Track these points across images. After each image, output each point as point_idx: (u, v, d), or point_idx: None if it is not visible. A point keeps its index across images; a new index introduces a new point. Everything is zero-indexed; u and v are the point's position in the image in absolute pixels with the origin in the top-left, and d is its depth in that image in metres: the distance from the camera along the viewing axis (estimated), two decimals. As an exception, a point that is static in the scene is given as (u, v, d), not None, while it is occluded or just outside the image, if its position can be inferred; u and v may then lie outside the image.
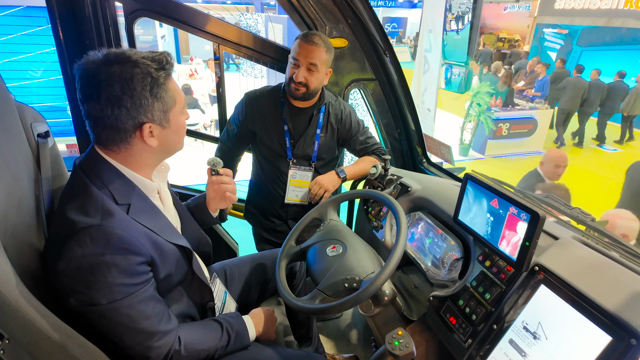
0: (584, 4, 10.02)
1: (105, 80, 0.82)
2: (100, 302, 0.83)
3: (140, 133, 0.89)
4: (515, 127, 7.02)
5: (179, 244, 1.01)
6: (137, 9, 1.76)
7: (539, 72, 8.68)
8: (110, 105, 0.83)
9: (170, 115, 0.93)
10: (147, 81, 0.85)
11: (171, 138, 0.95)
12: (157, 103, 0.88)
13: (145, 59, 0.86)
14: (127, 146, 0.90)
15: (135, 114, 0.86)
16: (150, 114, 0.88)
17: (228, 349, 1.09)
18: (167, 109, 0.91)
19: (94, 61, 0.83)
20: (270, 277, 1.46)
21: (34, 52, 3.71)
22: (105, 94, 0.82)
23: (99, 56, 0.84)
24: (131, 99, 0.84)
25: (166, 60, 0.89)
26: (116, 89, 0.82)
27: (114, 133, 0.87)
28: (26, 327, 0.76)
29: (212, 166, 1.23)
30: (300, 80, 1.59)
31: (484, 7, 7.52)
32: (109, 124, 0.85)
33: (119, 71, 0.83)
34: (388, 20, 18.19)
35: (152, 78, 0.86)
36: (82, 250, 0.81)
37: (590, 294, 0.82)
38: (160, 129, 0.91)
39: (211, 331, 1.06)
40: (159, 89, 0.87)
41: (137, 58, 0.85)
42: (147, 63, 0.86)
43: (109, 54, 0.84)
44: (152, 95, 0.87)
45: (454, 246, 1.26)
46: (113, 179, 0.90)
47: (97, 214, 0.84)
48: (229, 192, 1.25)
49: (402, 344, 1.06)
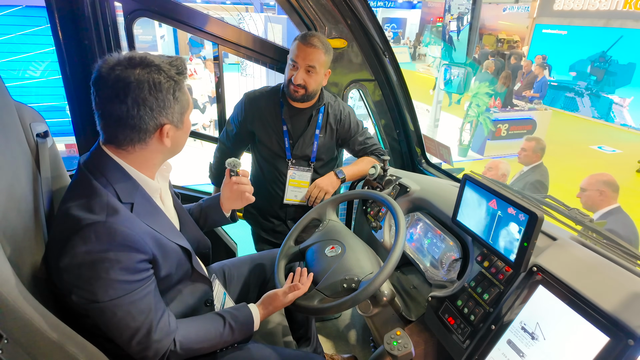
0: (583, 5, 10.05)
1: (134, 82, 0.85)
2: (101, 298, 0.84)
3: (160, 133, 0.92)
4: (514, 128, 7.03)
5: (181, 244, 1.02)
6: (137, 9, 1.76)
7: (537, 73, 8.70)
8: (137, 105, 0.86)
9: (185, 117, 0.98)
10: (170, 84, 0.90)
11: (182, 139, 1.00)
12: (177, 105, 0.93)
13: (166, 63, 0.91)
14: (143, 146, 0.92)
15: (158, 115, 0.90)
16: (170, 116, 0.92)
17: (230, 339, 1.07)
18: (184, 111, 0.96)
19: (119, 63, 0.86)
20: (269, 278, 1.46)
21: (33, 51, 3.70)
22: (134, 95, 0.85)
23: (122, 59, 0.87)
24: (157, 100, 0.88)
25: (183, 65, 0.95)
26: (145, 91, 0.86)
27: (135, 133, 0.90)
28: (25, 327, 0.76)
29: (231, 167, 1.25)
30: (298, 83, 1.59)
31: (483, 7, 7.54)
32: (131, 124, 0.88)
33: (147, 74, 0.86)
34: (387, 21, 18.20)
35: (174, 82, 0.91)
36: (87, 247, 0.82)
37: (588, 295, 0.83)
38: (175, 130, 0.95)
39: (212, 327, 1.04)
40: (179, 92, 0.93)
41: (160, 63, 0.89)
42: (169, 67, 0.90)
43: (134, 58, 0.87)
44: (174, 97, 0.91)
45: (453, 247, 1.26)
46: (118, 178, 0.91)
47: (102, 211, 0.85)
48: (247, 193, 1.27)
49: (401, 344, 1.07)
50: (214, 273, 1.35)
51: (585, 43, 9.95)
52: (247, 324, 1.09)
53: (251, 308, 1.12)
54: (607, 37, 9.45)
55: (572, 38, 10.39)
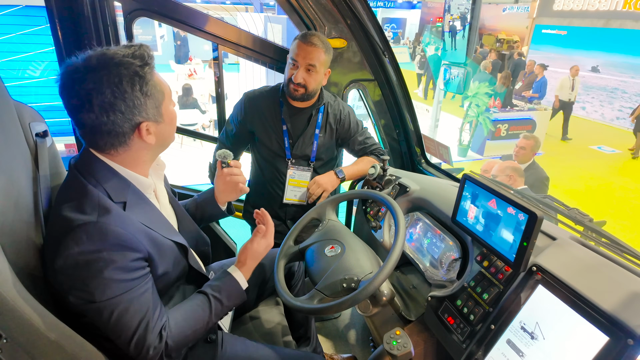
0: (583, 5, 10.05)
1: (94, 88, 0.81)
2: (98, 298, 0.84)
3: (139, 133, 0.89)
4: (514, 128, 7.03)
5: (176, 241, 1.01)
6: (136, 8, 1.76)
7: (537, 74, 8.70)
8: (105, 112, 0.83)
9: (162, 109, 0.93)
10: (135, 80, 0.84)
11: (166, 131, 0.96)
12: (149, 100, 0.88)
13: (127, 56, 0.84)
14: (126, 148, 0.91)
15: (131, 116, 0.86)
16: (144, 113, 0.88)
17: (225, 310, 1.05)
18: (159, 104, 0.91)
19: (76, 69, 0.82)
20: (269, 277, 1.46)
21: (32, 51, 3.70)
22: (98, 102, 0.82)
23: (80, 62, 0.83)
24: (124, 101, 0.84)
25: (147, 54, 0.88)
26: (107, 95, 0.82)
27: (112, 138, 0.88)
28: (24, 327, 0.76)
29: (222, 159, 1.24)
30: (299, 82, 1.59)
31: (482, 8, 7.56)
32: (106, 130, 0.86)
33: (105, 76, 0.82)
34: (387, 21, 18.20)
35: (139, 77, 0.85)
36: (79, 248, 0.81)
37: (588, 295, 0.83)
38: (156, 125, 0.92)
39: (197, 307, 1.01)
40: (147, 86, 0.87)
41: (120, 58, 0.83)
42: (131, 61, 0.84)
43: (90, 59, 0.83)
44: (143, 93, 0.86)
45: (452, 246, 1.26)
46: (108, 178, 0.90)
47: (93, 212, 0.84)
48: (241, 183, 1.26)
49: (400, 344, 1.06)
50: (214, 272, 1.35)
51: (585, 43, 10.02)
52: (233, 288, 1.08)
53: (230, 271, 1.11)
54: (606, 37, 9.48)
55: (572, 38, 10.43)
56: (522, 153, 3.59)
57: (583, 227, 1.20)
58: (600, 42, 9.78)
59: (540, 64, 8.85)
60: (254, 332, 1.38)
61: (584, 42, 10.28)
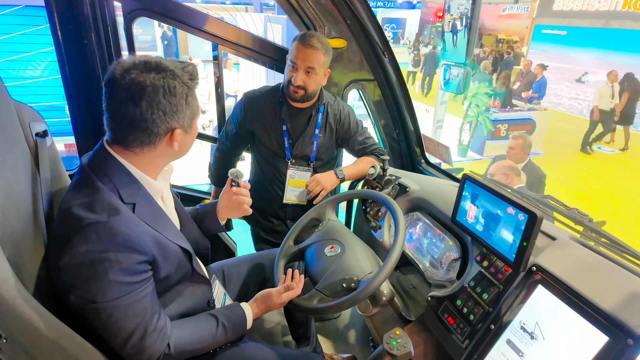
0: (582, 5, 10.06)
1: (150, 86, 0.86)
2: (99, 299, 0.84)
3: (170, 137, 0.93)
4: (514, 128, 7.03)
5: (182, 246, 1.02)
6: (136, 8, 1.76)
7: (536, 73, 8.70)
8: (151, 109, 0.87)
9: (194, 122, 0.99)
10: (184, 90, 0.91)
11: (188, 143, 1.02)
12: (188, 110, 0.94)
13: (179, 69, 0.92)
14: (152, 148, 0.93)
15: (170, 119, 0.91)
16: (182, 120, 0.93)
17: (225, 341, 1.07)
18: (194, 116, 0.98)
19: (134, 67, 0.87)
20: (269, 277, 1.46)
21: (32, 51, 3.70)
22: (149, 99, 0.86)
23: (138, 62, 0.87)
24: (170, 104, 0.89)
25: (196, 72, 0.96)
26: (160, 95, 0.87)
27: (145, 135, 0.90)
28: (24, 327, 0.76)
29: (234, 177, 1.25)
30: (298, 84, 1.59)
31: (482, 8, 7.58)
32: (143, 127, 0.88)
33: (162, 79, 0.88)
34: (387, 21, 18.20)
35: (187, 87, 0.92)
36: (87, 246, 0.82)
37: (587, 294, 0.83)
38: (184, 134, 0.96)
39: (205, 328, 1.04)
40: (191, 97, 0.94)
41: (174, 68, 0.91)
42: (182, 73, 0.92)
43: (149, 62, 0.88)
44: (187, 102, 0.93)
45: (452, 246, 1.26)
46: (121, 178, 0.91)
47: (104, 211, 0.85)
48: (245, 205, 1.27)
49: (400, 344, 1.07)
50: (214, 273, 1.35)
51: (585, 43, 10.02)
52: (240, 323, 1.10)
53: (244, 307, 1.12)
54: (606, 37, 9.49)
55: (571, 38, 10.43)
56: (512, 153, 3.60)
57: (583, 227, 1.20)
58: (600, 42, 9.78)
59: (540, 64, 8.85)
60: (253, 332, 1.39)
61: (583, 42, 10.28)
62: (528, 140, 3.65)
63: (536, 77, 8.70)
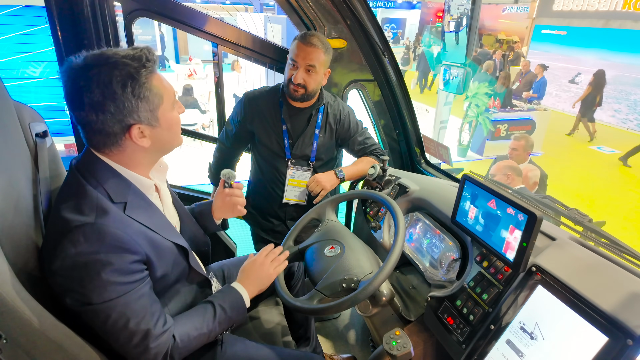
0: (582, 5, 10.06)
1: (84, 86, 0.81)
2: (94, 300, 0.83)
3: (130, 135, 0.88)
4: (514, 129, 7.03)
5: (176, 242, 1.01)
6: (136, 8, 1.76)
7: (536, 73, 8.69)
8: (93, 111, 0.82)
9: (158, 114, 0.90)
10: (127, 82, 0.83)
11: (163, 136, 0.93)
12: (141, 103, 0.86)
13: (126, 57, 0.83)
14: (119, 148, 0.90)
15: (121, 117, 0.84)
16: (136, 115, 0.86)
17: (229, 322, 1.06)
18: (154, 108, 0.89)
19: (74, 66, 0.82)
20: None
21: (32, 51, 3.69)
22: (87, 100, 0.81)
23: (79, 60, 0.83)
24: (113, 102, 0.82)
25: (146, 57, 0.86)
26: (96, 94, 0.81)
27: (104, 137, 0.87)
28: (24, 327, 0.76)
29: (226, 179, 1.25)
30: (298, 82, 1.59)
31: (482, 8, 7.56)
32: (96, 129, 0.85)
33: (96, 75, 0.81)
34: (387, 21, 18.20)
35: (132, 79, 0.83)
36: (76, 249, 0.81)
37: (587, 295, 0.83)
38: (151, 129, 0.90)
39: (204, 313, 1.03)
40: (141, 88, 0.85)
41: (117, 58, 0.82)
42: (127, 62, 0.83)
43: (87, 57, 0.83)
44: (135, 96, 0.84)
45: (452, 247, 1.26)
46: (108, 178, 0.90)
47: (91, 213, 0.84)
48: (239, 205, 1.27)
49: (400, 344, 1.07)
50: (213, 273, 1.35)
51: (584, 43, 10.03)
52: (237, 300, 1.08)
53: (235, 285, 1.12)
54: (606, 37, 9.49)
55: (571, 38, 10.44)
56: (515, 154, 3.61)
57: (582, 228, 1.20)
58: (600, 42, 9.78)
59: (540, 64, 8.84)
60: (253, 332, 1.38)
61: (583, 41, 10.28)
62: (530, 141, 3.66)
63: (536, 77, 8.70)
